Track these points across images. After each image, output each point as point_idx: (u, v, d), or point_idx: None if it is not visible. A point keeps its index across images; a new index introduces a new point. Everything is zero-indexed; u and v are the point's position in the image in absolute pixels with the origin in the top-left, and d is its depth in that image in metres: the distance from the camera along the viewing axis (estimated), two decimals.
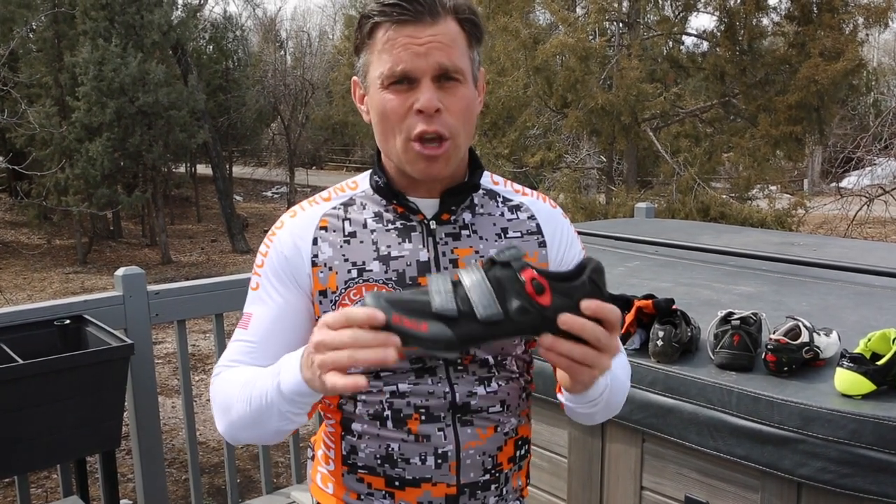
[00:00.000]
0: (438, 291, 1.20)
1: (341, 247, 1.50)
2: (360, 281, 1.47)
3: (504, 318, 1.19)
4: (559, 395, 1.49)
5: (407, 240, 1.50)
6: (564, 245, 1.61)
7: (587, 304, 1.20)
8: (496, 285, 1.20)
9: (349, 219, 1.52)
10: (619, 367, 1.55)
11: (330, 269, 1.48)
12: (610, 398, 1.48)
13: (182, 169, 26.78)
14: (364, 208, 1.54)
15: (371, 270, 1.47)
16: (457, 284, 1.21)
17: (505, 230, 1.56)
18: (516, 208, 1.59)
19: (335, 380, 1.17)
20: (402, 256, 1.49)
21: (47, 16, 17.91)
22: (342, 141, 36.59)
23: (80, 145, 17.18)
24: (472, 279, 1.21)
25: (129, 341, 2.91)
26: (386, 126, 1.43)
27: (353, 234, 1.50)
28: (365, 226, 1.51)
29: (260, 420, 1.38)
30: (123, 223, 22.57)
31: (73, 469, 3.20)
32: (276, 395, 1.32)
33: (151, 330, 3.33)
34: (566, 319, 1.19)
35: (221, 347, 3.49)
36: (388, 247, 1.49)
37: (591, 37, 11.94)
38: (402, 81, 1.39)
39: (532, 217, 1.59)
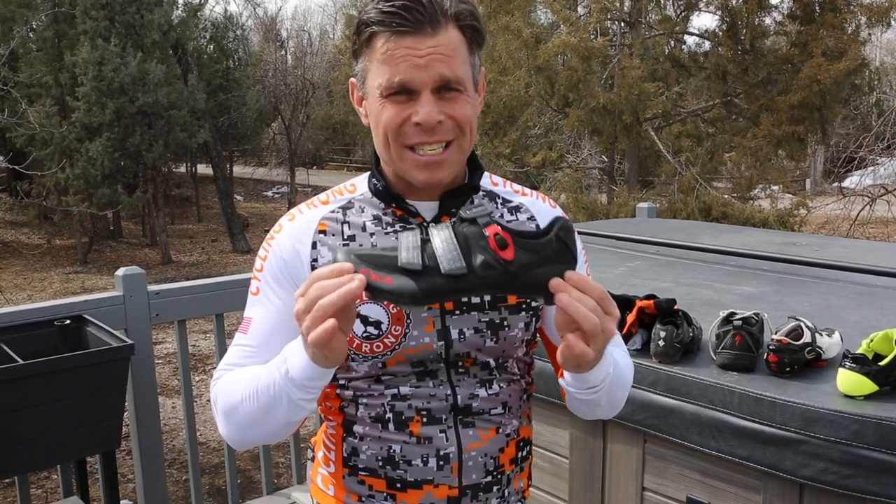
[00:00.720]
0: (407, 247, 1.22)
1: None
2: None
3: (468, 272, 1.20)
4: (560, 380, 1.47)
5: None
6: None
7: (570, 276, 1.21)
8: (462, 241, 1.22)
9: (348, 222, 1.51)
10: (622, 359, 1.53)
11: None
12: (612, 391, 1.45)
13: (182, 169, 26.78)
14: (363, 211, 1.53)
15: None
16: (426, 241, 1.23)
17: None
18: (516, 209, 1.59)
19: (313, 335, 1.19)
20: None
21: (47, 15, 17.91)
22: (343, 141, 36.58)
23: (80, 145, 17.18)
24: (440, 236, 1.23)
25: (130, 341, 2.90)
26: (384, 136, 1.42)
27: (352, 238, 1.49)
28: (364, 229, 1.50)
29: (269, 413, 1.37)
30: (124, 223, 22.57)
31: (73, 469, 3.19)
32: (286, 383, 1.31)
33: (152, 330, 3.33)
34: (557, 285, 1.20)
35: (222, 348, 3.48)
36: None
37: (592, 36, 11.92)
38: (402, 92, 1.38)
39: (532, 218, 1.58)
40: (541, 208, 1.61)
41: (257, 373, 1.39)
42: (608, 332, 1.23)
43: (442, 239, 1.22)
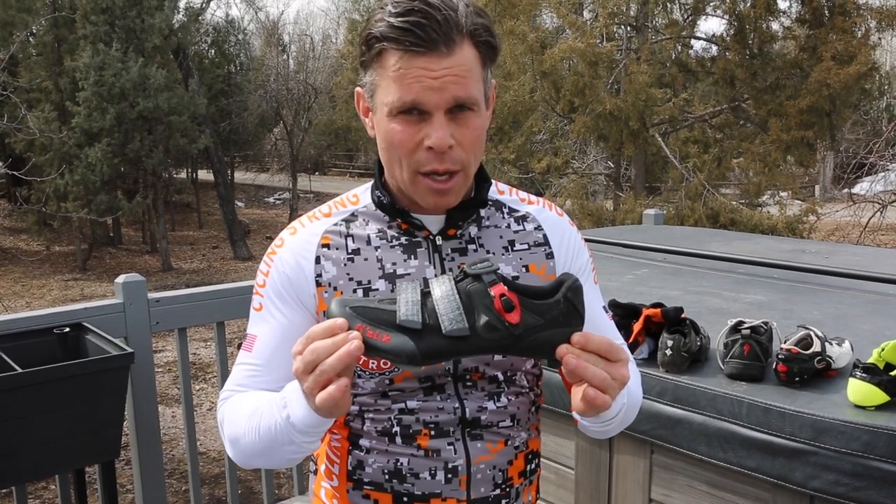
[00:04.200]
0: (406, 301, 1.19)
1: (345, 265, 1.46)
2: None
3: (470, 333, 1.17)
4: (574, 413, 1.45)
5: (412, 256, 1.47)
6: (572, 254, 1.58)
7: (577, 338, 1.20)
8: (465, 299, 1.19)
9: (352, 235, 1.49)
10: (633, 383, 1.52)
11: (335, 288, 1.45)
12: (625, 416, 1.45)
13: (183, 174, 26.86)
14: (367, 224, 1.50)
15: (377, 289, 1.44)
16: (426, 295, 1.20)
17: (512, 242, 1.53)
18: (522, 219, 1.56)
19: (322, 397, 1.18)
20: (409, 274, 1.45)
21: (47, 20, 17.96)
22: (345, 146, 36.66)
23: (79, 150, 17.22)
24: (442, 290, 1.20)
25: (130, 350, 2.88)
26: (393, 155, 1.39)
27: (356, 252, 1.47)
28: (369, 242, 1.48)
29: (271, 450, 1.37)
30: (123, 229, 22.62)
31: (71, 479, 3.16)
32: (288, 428, 1.30)
33: (152, 338, 3.30)
34: (562, 351, 1.19)
35: (223, 356, 3.46)
36: (394, 264, 1.46)
37: (598, 41, 11.91)
38: (413, 112, 1.34)
39: (539, 227, 1.56)
40: (547, 217, 1.58)
41: (259, 407, 1.38)
42: (620, 380, 1.23)
43: (443, 294, 1.19)
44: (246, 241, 21.01)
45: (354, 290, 1.43)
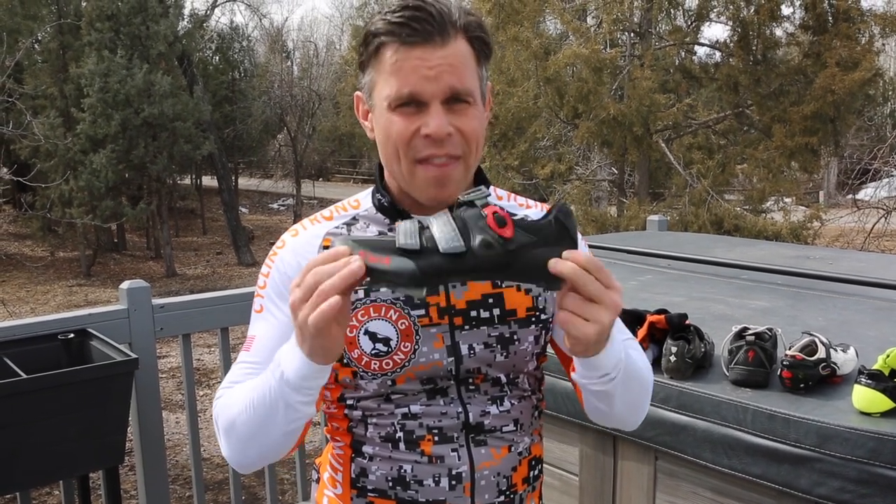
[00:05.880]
0: (405, 230, 1.20)
1: None
2: (368, 301, 1.44)
3: (466, 250, 1.18)
4: (572, 374, 1.43)
5: None
6: None
7: (567, 253, 1.20)
8: (460, 224, 1.21)
9: None
10: (637, 356, 1.49)
11: None
12: (627, 384, 1.40)
13: (187, 180, 26.86)
14: (367, 227, 1.51)
15: (378, 290, 1.44)
16: (424, 228, 1.21)
17: None
18: None
19: (315, 316, 1.16)
20: None
21: (53, 27, 18.00)
22: (349, 152, 36.70)
23: (84, 157, 17.26)
24: (438, 220, 1.21)
25: (134, 356, 2.87)
26: (392, 149, 1.40)
27: None
28: None
29: (266, 423, 1.34)
30: (128, 235, 22.65)
31: (75, 485, 3.16)
32: (281, 387, 1.28)
33: (156, 344, 3.30)
34: (554, 263, 1.18)
35: (227, 362, 3.46)
36: None
37: (602, 47, 11.91)
38: (410, 104, 1.36)
39: None
40: None
41: (253, 383, 1.36)
42: (613, 306, 1.22)
43: (440, 223, 1.21)
44: (250, 246, 21.03)
45: (356, 292, 1.43)
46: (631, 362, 1.41)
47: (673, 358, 2.35)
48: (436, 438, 1.45)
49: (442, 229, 1.19)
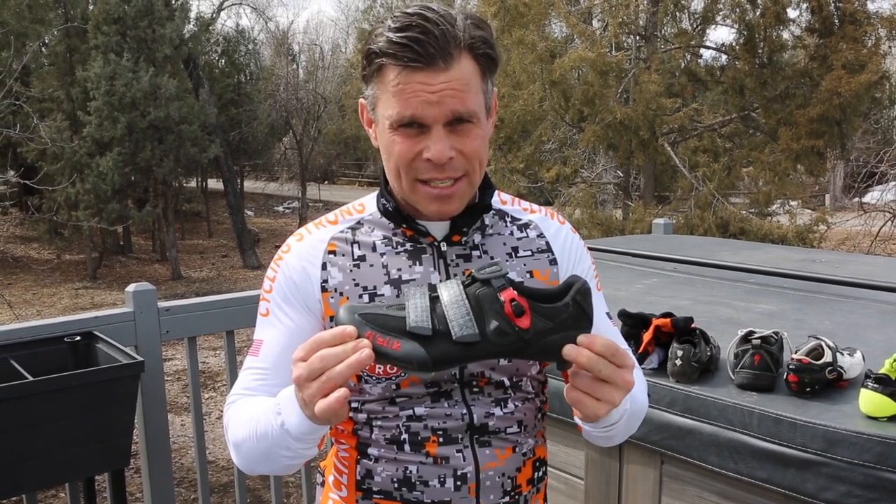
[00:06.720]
0: (415, 307, 1.18)
1: (351, 271, 1.47)
2: None
3: (481, 339, 1.17)
4: (576, 417, 1.46)
5: (417, 262, 1.48)
6: (574, 260, 1.60)
7: (582, 339, 1.20)
8: (475, 304, 1.18)
9: (358, 242, 1.50)
10: (638, 390, 1.52)
11: (341, 294, 1.46)
12: (628, 423, 1.45)
13: (193, 183, 26.87)
14: (372, 231, 1.52)
15: (382, 295, 1.45)
16: (435, 300, 1.20)
17: (515, 249, 1.54)
18: (525, 227, 1.58)
19: (322, 405, 1.17)
20: (414, 279, 1.47)
21: (59, 30, 18.04)
22: (355, 155, 36.72)
23: (90, 160, 17.28)
24: (451, 296, 1.19)
25: (140, 358, 2.88)
26: (394, 165, 1.41)
27: (362, 258, 1.48)
28: (374, 249, 1.49)
29: (271, 456, 1.37)
30: (134, 238, 22.67)
31: (81, 488, 3.16)
32: (283, 435, 1.30)
33: (162, 347, 3.30)
34: (569, 351, 1.19)
35: (232, 365, 3.46)
36: (399, 270, 1.47)
37: (608, 50, 11.89)
38: (412, 125, 1.36)
39: (541, 235, 1.58)
40: (549, 225, 1.61)
41: (256, 413, 1.38)
42: (624, 385, 1.24)
43: (452, 299, 1.19)
44: (255, 249, 21.03)
45: (360, 296, 1.44)
46: (633, 404, 1.46)
47: (679, 361, 2.35)
48: (440, 440, 1.45)
49: (455, 309, 1.17)
